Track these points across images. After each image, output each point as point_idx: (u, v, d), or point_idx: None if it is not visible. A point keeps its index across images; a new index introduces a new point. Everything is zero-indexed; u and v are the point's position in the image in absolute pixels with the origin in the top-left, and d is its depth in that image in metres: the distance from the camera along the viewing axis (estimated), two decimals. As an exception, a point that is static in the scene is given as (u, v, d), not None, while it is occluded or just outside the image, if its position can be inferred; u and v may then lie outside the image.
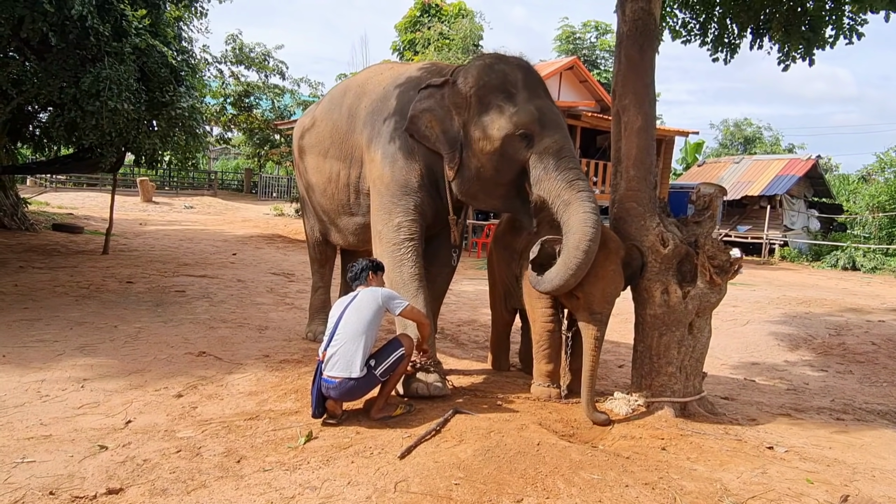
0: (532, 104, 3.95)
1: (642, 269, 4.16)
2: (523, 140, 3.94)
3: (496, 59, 4.15)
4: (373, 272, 3.96)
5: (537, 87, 4.09)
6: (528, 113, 3.91)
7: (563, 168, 3.85)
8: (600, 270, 3.86)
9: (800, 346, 6.74)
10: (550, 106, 4.09)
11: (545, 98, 4.11)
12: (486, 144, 4.01)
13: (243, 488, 2.88)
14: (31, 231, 12.69)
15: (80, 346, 5.10)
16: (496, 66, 4.07)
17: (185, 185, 28.49)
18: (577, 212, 3.71)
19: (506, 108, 3.96)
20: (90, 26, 6.27)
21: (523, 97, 3.97)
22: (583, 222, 3.66)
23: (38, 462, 3.05)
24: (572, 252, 3.66)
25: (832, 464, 3.50)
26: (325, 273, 6.07)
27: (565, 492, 2.86)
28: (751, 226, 21.31)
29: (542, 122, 3.93)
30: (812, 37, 5.57)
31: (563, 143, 3.95)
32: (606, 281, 3.93)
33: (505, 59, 4.16)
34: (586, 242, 3.62)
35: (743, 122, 40.48)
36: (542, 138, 3.92)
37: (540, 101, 4.02)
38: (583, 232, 3.64)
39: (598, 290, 3.92)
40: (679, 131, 17.85)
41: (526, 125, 3.91)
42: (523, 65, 4.15)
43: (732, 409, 4.57)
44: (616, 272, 3.97)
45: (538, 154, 3.91)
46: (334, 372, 3.57)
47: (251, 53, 23.00)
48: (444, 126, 4.11)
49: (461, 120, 4.10)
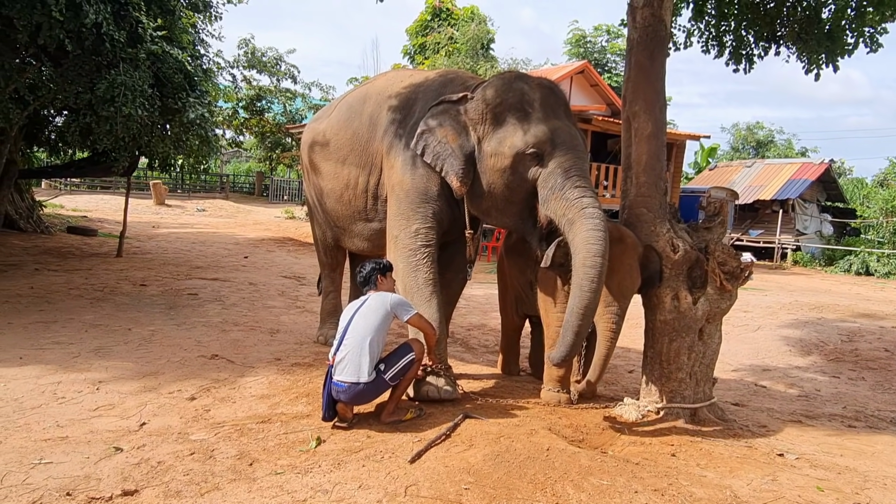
0: (546, 124, 3.96)
1: (660, 272, 4.16)
2: (534, 159, 3.94)
3: (516, 78, 4.19)
4: (381, 274, 3.99)
5: (557, 108, 4.09)
6: (539, 132, 3.92)
7: (570, 187, 3.83)
8: (616, 264, 3.90)
9: (811, 352, 6.70)
10: (567, 127, 4.06)
11: (563, 119, 4.08)
12: (498, 162, 4.04)
13: (255, 491, 2.91)
14: (46, 233, 12.83)
15: (96, 349, 5.17)
16: (515, 84, 4.10)
17: (198, 187, 28.69)
18: (581, 230, 3.70)
19: (519, 127, 3.98)
20: (105, 33, 6.36)
21: (538, 116, 3.98)
22: (586, 241, 3.65)
23: (55, 463, 3.10)
24: (581, 271, 3.65)
25: (843, 471, 3.50)
26: (335, 277, 6.12)
27: (574, 497, 2.88)
28: (763, 230, 21.20)
29: (554, 142, 3.92)
30: (831, 45, 5.56)
31: (573, 163, 3.92)
32: (622, 275, 3.99)
33: (525, 79, 4.19)
34: (591, 259, 3.61)
35: (755, 126, 40.23)
36: (552, 158, 3.92)
37: (556, 122, 4.00)
38: (587, 250, 3.63)
39: (614, 284, 3.97)
40: (690, 135, 17.79)
41: (537, 144, 3.92)
42: (545, 85, 4.16)
43: (743, 416, 4.57)
44: (632, 267, 4.03)
45: (547, 174, 3.92)
46: (343, 376, 3.60)
47: (263, 58, 23.17)
48: (460, 141, 4.14)
49: (476, 136, 4.13)
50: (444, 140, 4.16)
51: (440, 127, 4.18)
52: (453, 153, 4.15)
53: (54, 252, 10.75)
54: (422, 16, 29.94)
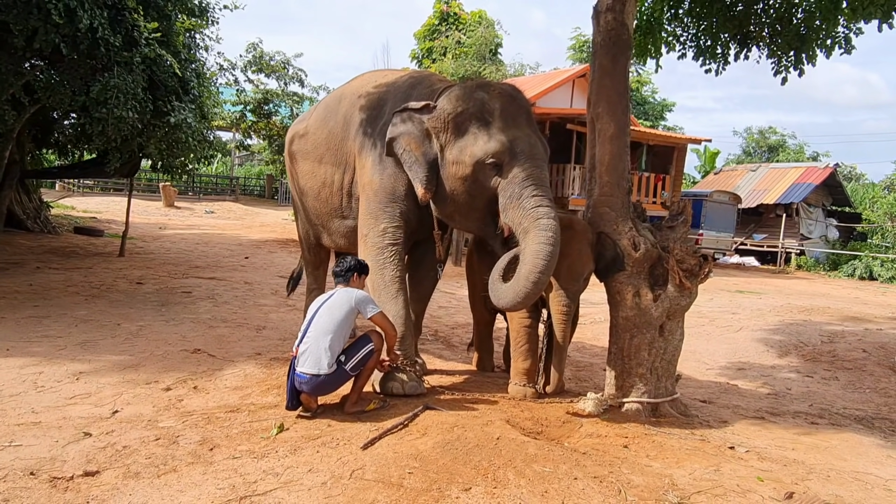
0: (505, 134, 4.01)
1: (617, 260, 4.28)
2: (493, 168, 4.02)
3: (477, 87, 4.24)
4: (358, 273, 4.12)
5: (517, 117, 4.14)
6: (498, 142, 3.99)
7: (527, 196, 3.90)
8: (566, 249, 4.03)
9: (789, 353, 6.75)
10: (527, 136, 4.10)
11: (524, 128, 4.13)
12: (459, 170, 4.14)
13: (210, 473, 3.05)
14: (52, 234, 13.10)
15: (82, 342, 5.35)
16: (476, 93, 4.16)
17: (209, 190, 29.05)
18: (532, 241, 3.80)
19: (479, 136, 4.06)
20: (101, 37, 6.56)
21: (498, 126, 4.04)
22: (535, 254, 3.75)
23: (24, 446, 3.26)
24: (522, 282, 3.77)
25: (789, 464, 3.58)
26: (318, 275, 6.27)
27: (514, 482, 2.99)
28: (767, 234, 21.14)
29: (513, 152, 3.98)
30: (801, 46, 5.64)
31: (531, 172, 3.98)
32: (571, 259, 4.15)
33: (487, 87, 4.24)
34: (535, 275, 3.72)
35: (767, 130, 40.07)
36: (511, 167, 3.99)
37: (515, 132, 4.05)
38: (533, 264, 3.74)
39: (564, 268, 4.11)
40: (691, 139, 17.80)
41: (496, 154, 3.99)
42: (506, 93, 4.21)
43: (707, 412, 4.65)
44: (581, 252, 4.20)
45: (505, 183, 4.00)
46: (305, 368, 3.74)
47: (271, 62, 23.41)
48: (423, 149, 4.26)
49: (439, 143, 4.24)
50: (407, 149, 4.28)
51: (403, 136, 4.29)
52: (416, 161, 4.26)
53: (58, 251, 10.99)
54: (430, 20, 30.14)
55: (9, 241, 10.98)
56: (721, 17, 5.59)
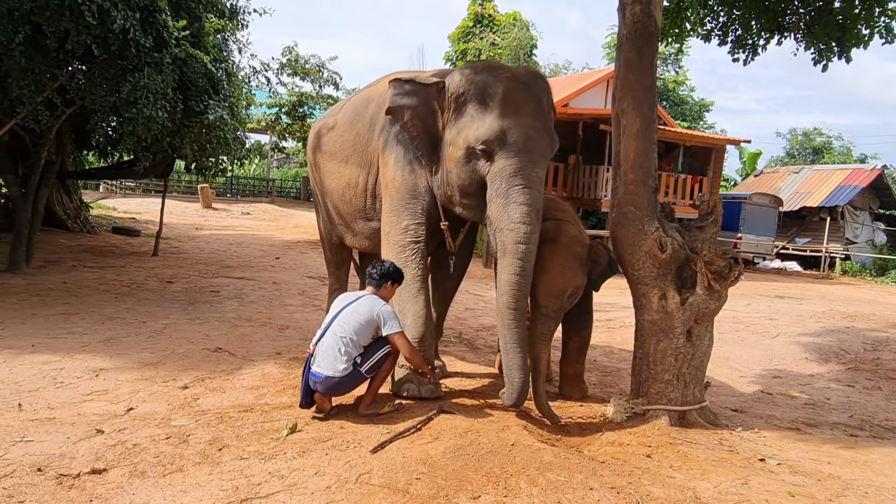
0: (500, 121, 3.82)
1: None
2: (483, 155, 3.88)
3: (482, 69, 4.09)
4: (392, 282, 4.03)
5: (522, 103, 3.92)
6: (489, 129, 3.82)
7: (513, 199, 3.77)
8: (547, 264, 3.93)
9: (829, 361, 6.43)
10: (525, 126, 3.86)
11: (526, 117, 3.89)
12: (454, 152, 4.04)
13: (216, 474, 3.00)
14: (91, 233, 13.42)
15: (106, 339, 5.39)
16: (479, 76, 4.01)
17: (246, 192, 29.47)
18: (504, 270, 3.81)
19: (475, 120, 3.93)
20: (132, 38, 6.64)
21: (494, 112, 3.86)
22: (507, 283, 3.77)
23: (35, 442, 3.26)
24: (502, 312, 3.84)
25: (824, 479, 3.37)
26: (341, 275, 6.23)
27: (526, 491, 2.87)
28: (810, 238, 20.45)
29: (503, 142, 3.81)
30: (842, 36, 5.39)
31: (519, 167, 3.80)
32: (552, 275, 3.99)
33: (493, 70, 4.08)
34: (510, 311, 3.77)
35: (812, 132, 38.91)
36: (499, 158, 3.83)
37: (512, 119, 3.83)
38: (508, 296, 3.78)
39: (543, 284, 3.98)
40: (729, 140, 17.33)
41: (486, 142, 3.83)
42: (515, 77, 4.02)
43: (738, 421, 4.43)
44: (564, 266, 4.03)
45: (493, 174, 3.86)
46: (320, 368, 3.68)
47: (306, 65, 23.70)
48: (426, 125, 4.17)
49: (442, 122, 4.15)
50: (411, 122, 4.20)
51: (407, 108, 4.20)
52: (418, 136, 4.20)
53: (95, 251, 11.23)
54: (464, 22, 30.07)
55: (49, 240, 11.25)
56: (753, 5, 5.37)
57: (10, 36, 6.18)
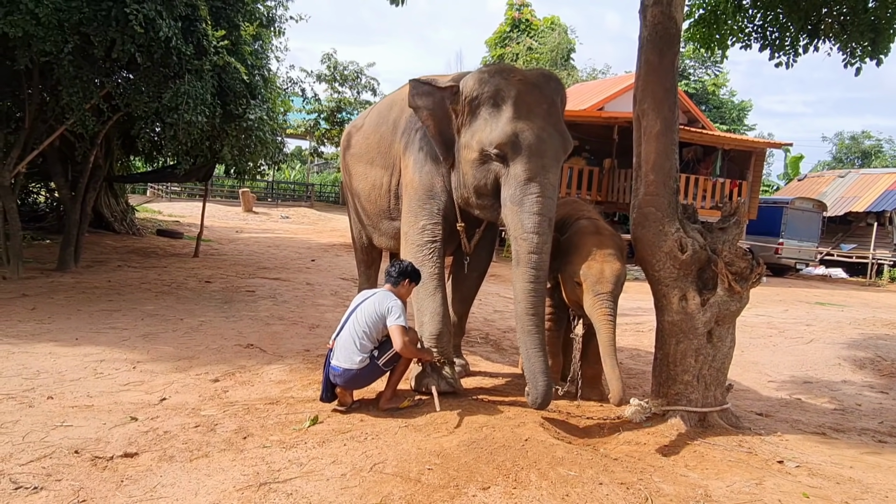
0: (513, 124, 3.85)
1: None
2: (498, 159, 3.92)
3: (495, 72, 4.12)
4: (409, 280, 4.13)
5: (534, 106, 3.95)
6: (502, 133, 3.85)
7: (527, 208, 3.82)
8: (598, 254, 3.99)
9: (864, 367, 6.28)
10: (539, 129, 3.88)
11: (539, 119, 3.92)
12: (468, 154, 4.10)
13: (239, 460, 3.14)
14: (137, 235, 13.93)
15: (145, 335, 5.64)
16: (492, 79, 4.03)
17: (286, 196, 30.08)
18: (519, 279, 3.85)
19: (489, 123, 3.97)
20: (174, 47, 6.93)
21: (508, 115, 3.89)
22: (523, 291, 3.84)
23: (74, 426, 3.46)
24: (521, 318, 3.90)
25: (843, 482, 3.33)
26: (371, 275, 6.38)
27: (535, 484, 2.92)
28: (856, 244, 19.83)
29: (516, 146, 3.83)
30: (875, 37, 5.30)
31: (533, 174, 3.82)
32: (604, 263, 4.01)
33: (505, 72, 4.11)
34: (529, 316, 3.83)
35: (861, 135, 37.77)
36: (513, 162, 3.86)
37: (525, 123, 3.86)
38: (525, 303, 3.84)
39: (595, 272, 3.99)
40: (770, 143, 16.96)
41: (499, 146, 3.87)
42: (527, 80, 4.06)
43: (761, 425, 4.39)
44: (612, 255, 4.06)
45: (507, 179, 3.90)
46: (339, 361, 3.80)
47: (345, 71, 24.09)
48: (440, 127, 4.26)
49: (457, 125, 4.23)
50: (427, 123, 4.30)
51: (423, 110, 4.30)
52: (434, 138, 4.29)
53: (139, 251, 11.66)
54: (501, 27, 30.21)
55: (96, 242, 11.73)
56: (787, 6, 5.31)
57: (59, 46, 6.53)
